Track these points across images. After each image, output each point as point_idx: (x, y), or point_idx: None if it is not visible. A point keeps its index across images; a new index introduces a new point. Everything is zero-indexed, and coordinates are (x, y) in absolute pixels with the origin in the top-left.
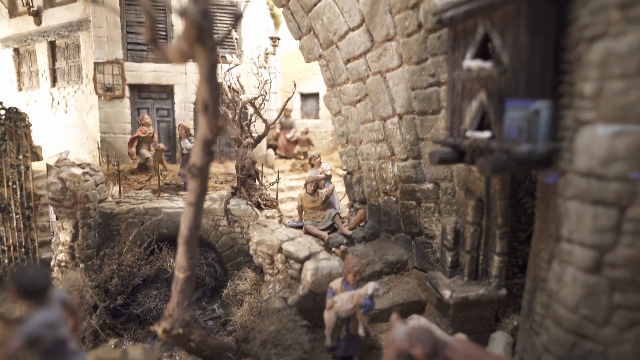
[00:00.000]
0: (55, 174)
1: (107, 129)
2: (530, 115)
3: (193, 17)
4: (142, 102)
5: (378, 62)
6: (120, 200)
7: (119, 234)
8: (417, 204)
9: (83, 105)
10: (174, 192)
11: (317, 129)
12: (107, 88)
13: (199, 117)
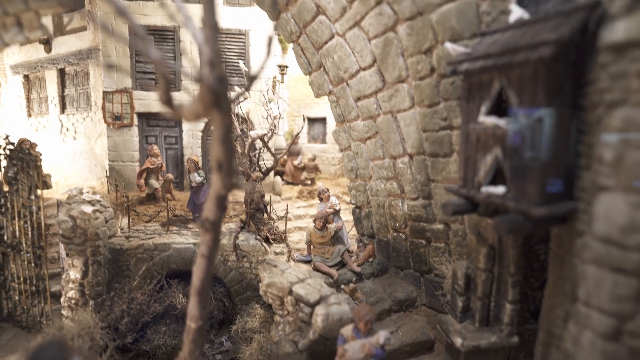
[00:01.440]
0: (66, 212)
1: (116, 157)
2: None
3: (209, 84)
4: (150, 130)
5: (389, 102)
6: (130, 234)
7: (129, 269)
8: (427, 243)
9: (92, 132)
10: (182, 224)
11: (323, 154)
12: (115, 117)
13: (213, 174)
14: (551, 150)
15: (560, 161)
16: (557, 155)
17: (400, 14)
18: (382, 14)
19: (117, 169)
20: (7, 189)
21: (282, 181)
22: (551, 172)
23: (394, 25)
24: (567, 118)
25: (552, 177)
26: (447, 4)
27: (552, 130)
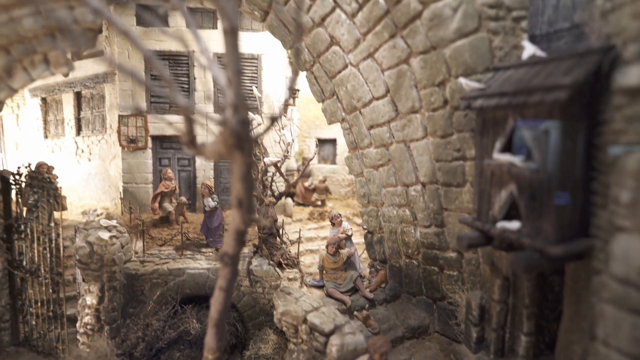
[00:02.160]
0: (84, 238)
1: (130, 179)
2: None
3: (233, 127)
4: (163, 153)
5: (402, 131)
6: (145, 259)
7: (143, 294)
8: (440, 271)
9: (106, 154)
10: (196, 249)
11: (333, 175)
12: (130, 140)
13: (233, 210)
14: (566, 188)
15: (576, 199)
16: (572, 193)
17: (414, 48)
18: (396, 47)
19: (131, 191)
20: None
21: (293, 202)
22: (566, 209)
23: (408, 58)
24: (582, 157)
25: (567, 214)
26: (461, 40)
27: (567, 168)
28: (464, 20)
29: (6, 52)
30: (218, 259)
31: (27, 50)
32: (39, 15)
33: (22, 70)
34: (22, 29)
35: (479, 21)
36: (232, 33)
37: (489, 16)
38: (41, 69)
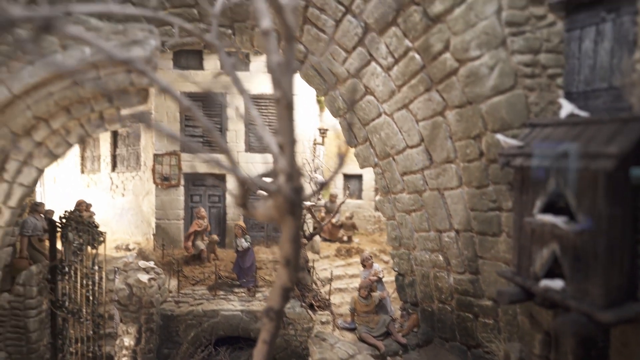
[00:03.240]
0: (123, 279)
1: (162, 216)
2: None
3: (287, 195)
4: (195, 190)
5: (436, 180)
6: (179, 299)
7: (178, 335)
8: (475, 318)
9: (140, 190)
10: (228, 288)
11: (359, 210)
12: (164, 178)
13: (280, 268)
14: (614, 251)
15: (623, 262)
16: (620, 256)
17: (450, 102)
18: (431, 100)
19: (163, 227)
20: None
21: (320, 238)
22: (614, 272)
23: (443, 110)
24: (628, 221)
25: (615, 277)
26: (497, 96)
27: (614, 231)
28: (500, 78)
29: (67, 111)
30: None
31: (85, 109)
32: (100, 79)
33: (80, 126)
34: (84, 92)
35: (515, 78)
36: (288, 107)
37: (525, 74)
38: (96, 125)
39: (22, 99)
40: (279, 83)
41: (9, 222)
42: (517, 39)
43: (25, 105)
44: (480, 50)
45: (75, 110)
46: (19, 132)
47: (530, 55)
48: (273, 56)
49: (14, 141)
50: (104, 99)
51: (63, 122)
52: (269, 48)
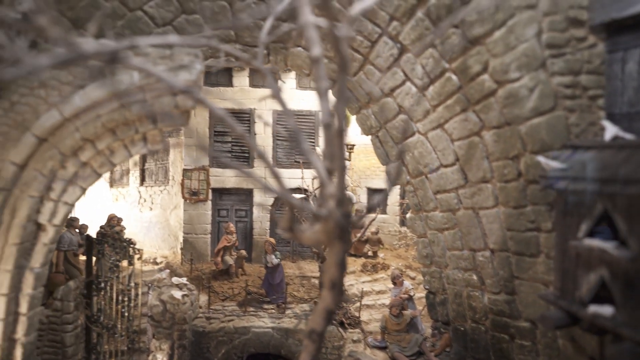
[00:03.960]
0: (157, 296)
1: (190, 230)
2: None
3: (336, 220)
4: (222, 204)
5: (471, 199)
6: (210, 315)
7: (209, 351)
8: (511, 339)
9: (167, 204)
10: (258, 304)
11: (384, 224)
12: (193, 192)
13: (324, 291)
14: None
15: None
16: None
17: (487, 123)
18: (468, 120)
19: (191, 241)
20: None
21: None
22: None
23: (480, 130)
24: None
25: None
26: (537, 118)
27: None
28: (540, 99)
29: (113, 133)
30: (305, 336)
31: (130, 131)
32: (146, 102)
33: (123, 147)
34: (130, 114)
35: (555, 100)
36: (339, 134)
37: (565, 95)
38: (139, 146)
39: (71, 122)
40: (326, 108)
41: (53, 239)
42: (557, 61)
43: (74, 127)
44: (520, 72)
45: (121, 132)
46: (67, 153)
47: (571, 77)
48: (322, 83)
49: (62, 162)
50: (148, 120)
51: (108, 143)
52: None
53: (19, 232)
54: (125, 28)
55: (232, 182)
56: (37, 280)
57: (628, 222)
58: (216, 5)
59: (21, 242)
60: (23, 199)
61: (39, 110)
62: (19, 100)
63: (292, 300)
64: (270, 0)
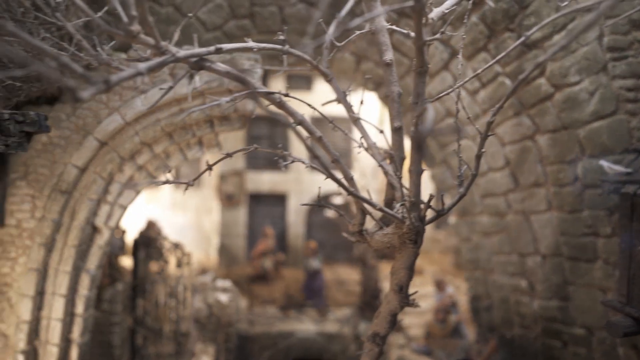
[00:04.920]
0: (203, 300)
1: (225, 233)
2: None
3: (412, 224)
4: (257, 208)
5: (521, 203)
6: (252, 319)
7: (252, 355)
8: (563, 346)
9: (201, 208)
10: (298, 308)
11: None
12: (228, 196)
13: (389, 294)
14: None
15: None
16: None
17: (542, 127)
18: (521, 124)
19: (226, 244)
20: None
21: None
22: None
23: (533, 135)
24: None
25: None
26: (597, 122)
27: None
28: (601, 103)
29: (170, 137)
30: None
31: (187, 134)
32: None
33: (179, 151)
34: (189, 119)
35: (617, 103)
36: (418, 140)
37: (627, 98)
38: (195, 150)
39: (131, 126)
40: (397, 112)
41: (108, 242)
42: (618, 64)
43: (134, 131)
44: (580, 76)
45: (178, 136)
46: (126, 156)
47: (633, 80)
48: (394, 87)
49: (120, 165)
50: (206, 124)
51: (165, 146)
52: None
53: (77, 234)
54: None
55: (267, 186)
56: (92, 282)
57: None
58: (266, 11)
59: (79, 244)
60: (82, 201)
61: (100, 115)
62: (81, 105)
63: (331, 305)
64: (319, 3)
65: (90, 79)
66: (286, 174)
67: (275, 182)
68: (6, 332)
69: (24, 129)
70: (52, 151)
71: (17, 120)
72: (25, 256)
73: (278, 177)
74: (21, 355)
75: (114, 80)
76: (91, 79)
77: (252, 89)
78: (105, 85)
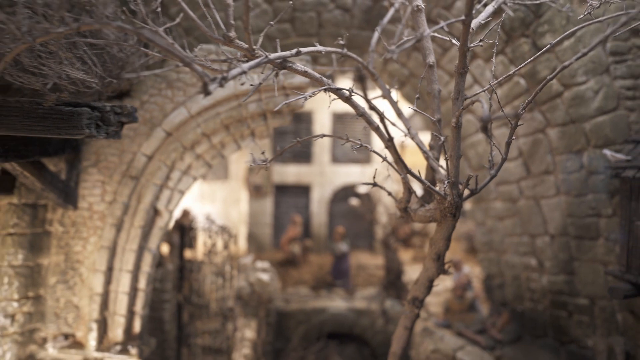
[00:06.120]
0: (245, 278)
1: (253, 222)
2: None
3: (452, 199)
4: (282, 198)
5: (533, 189)
6: (287, 298)
7: (289, 330)
8: (569, 316)
9: (228, 198)
10: (327, 288)
11: None
12: (256, 187)
13: (428, 261)
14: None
15: None
16: None
17: (552, 121)
18: (533, 119)
19: (253, 233)
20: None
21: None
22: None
23: (544, 128)
24: None
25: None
26: (601, 116)
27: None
28: (604, 100)
29: (227, 128)
30: (408, 303)
31: (242, 127)
32: (261, 102)
33: (233, 141)
34: (246, 112)
35: (618, 101)
36: (456, 128)
37: (627, 96)
38: (248, 140)
39: (194, 119)
40: (437, 107)
41: (167, 224)
42: (619, 66)
43: (196, 123)
44: (587, 77)
45: (234, 128)
46: (187, 146)
47: (632, 80)
48: (435, 85)
49: (182, 154)
50: (260, 118)
51: (222, 137)
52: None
53: (143, 216)
54: (209, 37)
55: (292, 178)
56: (153, 260)
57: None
58: (306, 16)
59: (144, 225)
60: (148, 187)
61: (165, 109)
62: (149, 99)
63: (357, 284)
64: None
65: (208, 76)
66: (310, 166)
67: (300, 174)
68: (78, 304)
69: (120, 119)
70: (121, 141)
71: (115, 111)
72: (95, 236)
73: (302, 169)
74: (94, 324)
75: (229, 77)
76: (210, 76)
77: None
78: (224, 82)
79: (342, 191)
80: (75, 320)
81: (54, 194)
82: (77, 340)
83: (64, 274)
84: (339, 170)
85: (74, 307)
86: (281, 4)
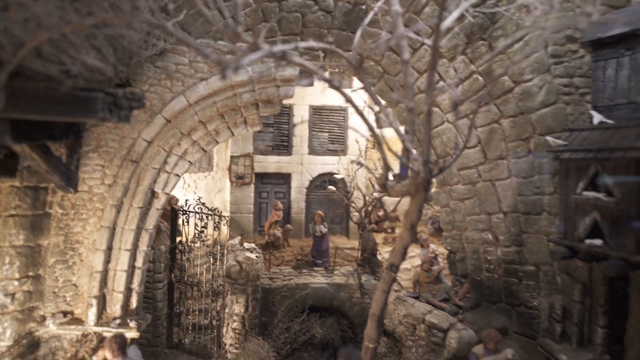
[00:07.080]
0: (234, 258)
1: (236, 210)
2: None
3: (424, 175)
4: (263, 187)
5: (489, 173)
6: (271, 276)
7: (274, 305)
8: (519, 281)
9: (211, 188)
10: (309, 267)
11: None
12: (239, 176)
13: (403, 231)
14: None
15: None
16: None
17: (505, 112)
18: (490, 111)
19: (236, 220)
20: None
21: None
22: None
23: (499, 119)
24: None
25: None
26: (545, 109)
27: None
28: (546, 95)
29: (222, 116)
30: (385, 269)
31: (236, 115)
32: (254, 92)
33: (227, 128)
34: (240, 101)
35: (557, 96)
36: (428, 114)
37: (564, 92)
38: (241, 127)
39: (192, 107)
40: (411, 96)
41: (163, 205)
42: (558, 67)
43: (194, 111)
44: (532, 75)
45: (228, 116)
46: (185, 132)
47: (567, 79)
48: (409, 78)
49: (179, 140)
50: (252, 107)
51: (217, 125)
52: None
53: (142, 198)
54: (217, 32)
55: (273, 168)
56: (150, 240)
57: (613, 177)
58: (291, 16)
59: (142, 207)
60: (147, 170)
61: (164, 97)
62: (149, 89)
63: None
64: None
65: (223, 62)
66: (289, 156)
67: (281, 164)
68: (77, 283)
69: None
70: (121, 127)
71: (127, 97)
72: (95, 217)
73: (283, 159)
74: (94, 300)
75: (241, 64)
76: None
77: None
78: (236, 68)
79: (319, 179)
80: (74, 298)
81: (57, 176)
82: (76, 317)
83: (63, 254)
84: (316, 160)
85: (73, 286)
86: (269, 5)
